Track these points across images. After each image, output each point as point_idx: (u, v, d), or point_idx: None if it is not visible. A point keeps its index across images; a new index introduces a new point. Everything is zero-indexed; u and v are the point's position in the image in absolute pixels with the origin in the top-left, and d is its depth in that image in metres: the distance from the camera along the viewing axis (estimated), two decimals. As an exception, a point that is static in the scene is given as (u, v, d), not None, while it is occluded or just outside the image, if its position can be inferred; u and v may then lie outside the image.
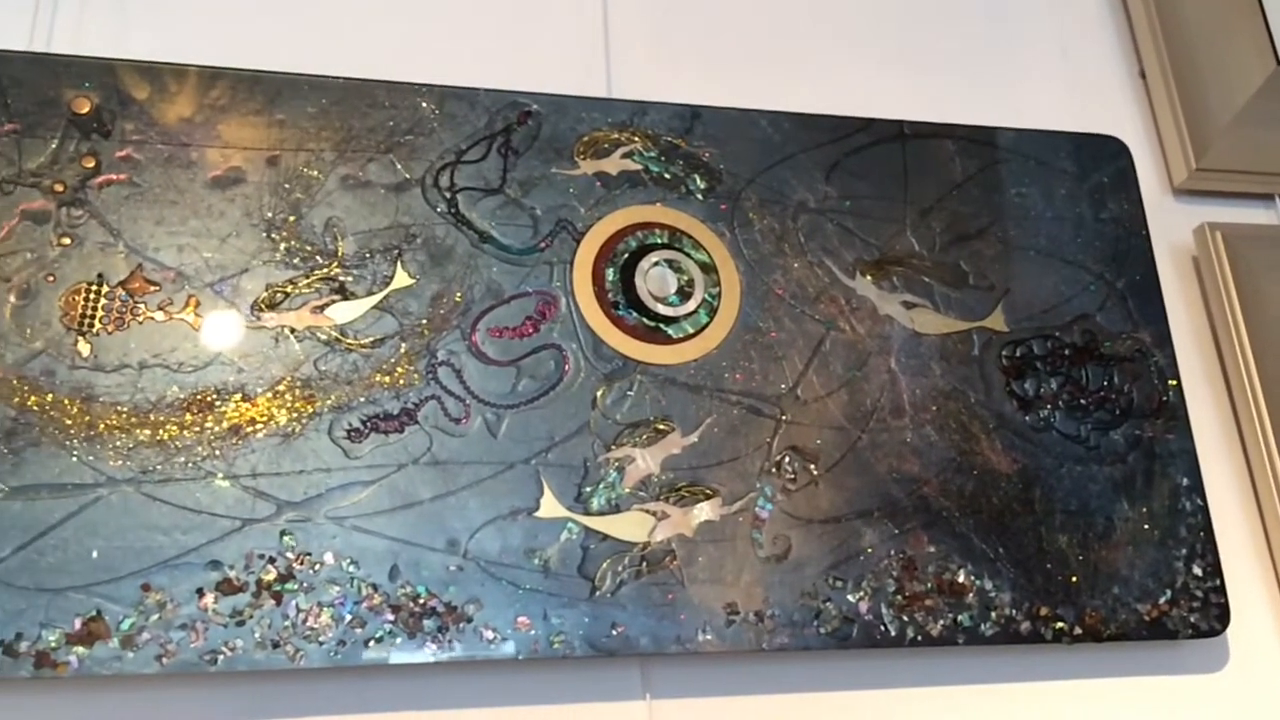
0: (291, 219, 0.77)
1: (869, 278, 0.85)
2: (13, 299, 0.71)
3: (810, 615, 0.76)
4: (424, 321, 0.77)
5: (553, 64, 0.91)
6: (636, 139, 0.85)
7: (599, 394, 0.78)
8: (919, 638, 0.77)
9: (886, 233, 0.87)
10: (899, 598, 0.77)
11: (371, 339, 0.75)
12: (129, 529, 0.68)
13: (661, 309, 0.81)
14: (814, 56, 0.98)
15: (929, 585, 0.78)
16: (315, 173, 0.78)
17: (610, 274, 0.81)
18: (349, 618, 0.69)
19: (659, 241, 0.83)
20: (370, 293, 0.77)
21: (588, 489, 0.75)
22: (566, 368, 0.78)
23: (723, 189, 0.85)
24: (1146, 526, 0.84)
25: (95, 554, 0.67)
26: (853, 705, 0.78)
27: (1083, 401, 0.86)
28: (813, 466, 0.79)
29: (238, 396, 0.72)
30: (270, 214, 0.76)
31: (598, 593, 0.73)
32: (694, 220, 0.84)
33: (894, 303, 0.85)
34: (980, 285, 0.87)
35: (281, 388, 0.73)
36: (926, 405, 0.83)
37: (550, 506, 0.74)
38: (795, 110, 0.89)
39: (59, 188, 0.73)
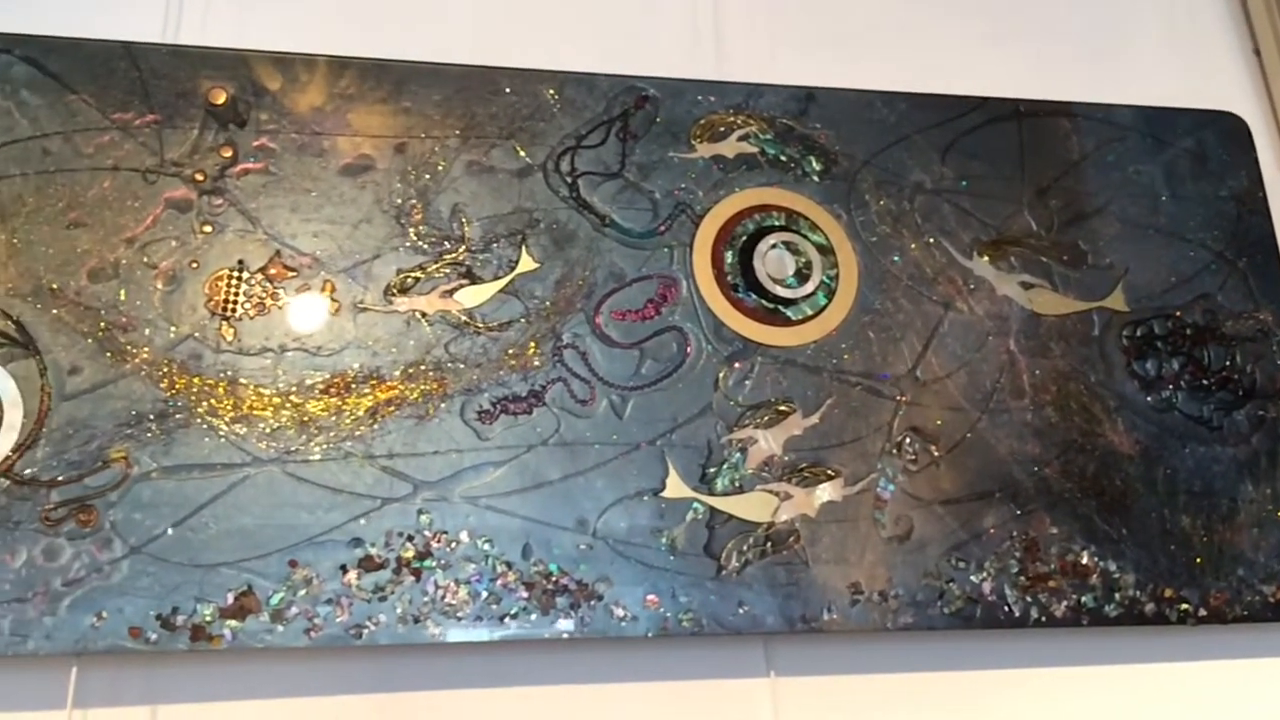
0: (420, 205, 0.78)
1: (986, 258, 0.85)
2: (160, 285, 0.73)
3: (934, 595, 0.76)
4: (549, 305, 0.78)
5: (666, 47, 0.92)
6: (752, 122, 0.85)
7: (720, 375, 0.79)
8: (1043, 618, 0.77)
9: (1003, 212, 0.87)
10: (1022, 578, 0.77)
11: (499, 322, 0.77)
12: (275, 507, 0.70)
13: (780, 291, 0.81)
14: (925, 35, 0.98)
15: (1052, 566, 0.78)
16: (441, 159, 0.79)
17: (729, 256, 0.82)
18: (485, 594, 0.71)
19: (776, 224, 0.83)
20: (497, 277, 0.78)
21: (712, 470, 0.76)
22: (688, 350, 0.79)
23: (838, 170, 0.85)
24: (1270, 508, 0.83)
25: (244, 531, 0.69)
26: (976, 685, 0.78)
27: (1205, 382, 0.85)
28: (933, 447, 0.80)
29: (373, 379, 0.74)
30: (399, 200, 0.78)
31: (724, 572, 0.74)
32: (810, 202, 0.84)
33: (1012, 283, 0.85)
34: (1099, 265, 0.87)
35: (414, 370, 0.75)
36: (1046, 386, 0.83)
37: (676, 487, 0.76)
38: (909, 90, 0.89)
39: (199, 177, 0.75)
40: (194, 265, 0.74)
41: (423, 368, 0.75)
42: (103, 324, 0.71)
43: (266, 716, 0.70)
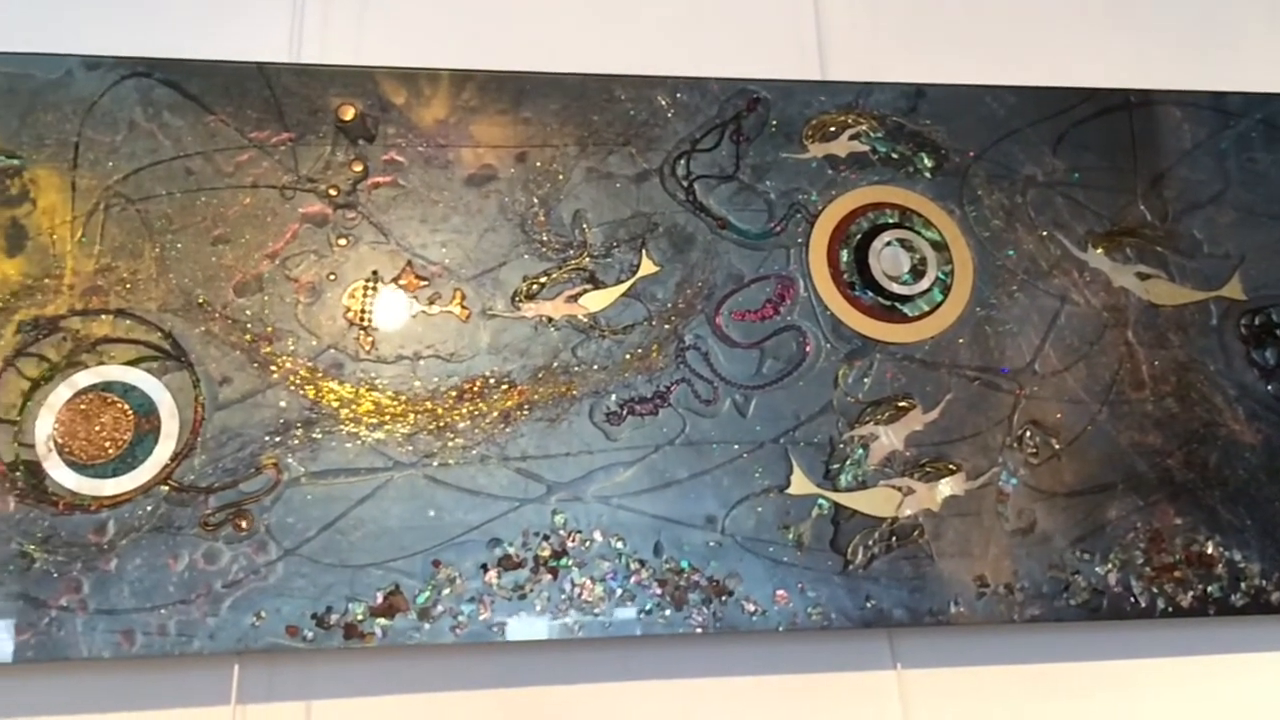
0: (542, 212, 0.80)
1: (1101, 250, 0.85)
2: (301, 298, 0.76)
3: (1059, 587, 0.77)
4: (670, 307, 0.80)
5: (770, 50, 0.93)
6: (862, 120, 0.86)
7: (840, 373, 0.80)
8: (1169, 609, 0.77)
9: (1117, 203, 0.87)
10: (1148, 569, 0.78)
11: (623, 325, 0.79)
12: (417, 509, 0.73)
13: (896, 288, 0.82)
14: (1031, 27, 0.97)
15: (1177, 557, 0.78)
16: (560, 167, 0.81)
17: (844, 255, 0.83)
18: (619, 591, 0.73)
19: (890, 221, 0.84)
20: (619, 281, 0.80)
21: (835, 466, 0.78)
22: (808, 348, 0.80)
23: (950, 166, 0.86)
24: (1397, 495, 0.82)
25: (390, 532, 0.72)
26: (1104, 675, 0.79)
27: (1326, 369, 0.85)
28: (1054, 440, 0.80)
29: (505, 384, 0.76)
30: (522, 209, 0.80)
31: (850, 566, 0.75)
32: (923, 199, 0.85)
33: (1128, 274, 0.85)
34: (1215, 254, 0.86)
35: (543, 374, 0.77)
36: (1166, 377, 0.83)
37: (800, 484, 0.77)
38: (1018, 84, 0.89)
39: (333, 192, 0.78)
40: (332, 277, 0.77)
41: (551, 371, 0.77)
42: (249, 336, 0.74)
43: (416, 711, 0.72)
